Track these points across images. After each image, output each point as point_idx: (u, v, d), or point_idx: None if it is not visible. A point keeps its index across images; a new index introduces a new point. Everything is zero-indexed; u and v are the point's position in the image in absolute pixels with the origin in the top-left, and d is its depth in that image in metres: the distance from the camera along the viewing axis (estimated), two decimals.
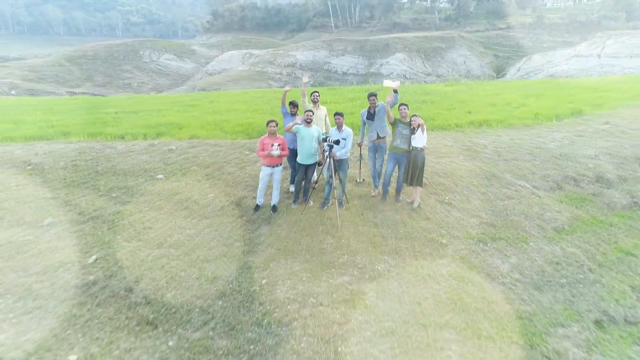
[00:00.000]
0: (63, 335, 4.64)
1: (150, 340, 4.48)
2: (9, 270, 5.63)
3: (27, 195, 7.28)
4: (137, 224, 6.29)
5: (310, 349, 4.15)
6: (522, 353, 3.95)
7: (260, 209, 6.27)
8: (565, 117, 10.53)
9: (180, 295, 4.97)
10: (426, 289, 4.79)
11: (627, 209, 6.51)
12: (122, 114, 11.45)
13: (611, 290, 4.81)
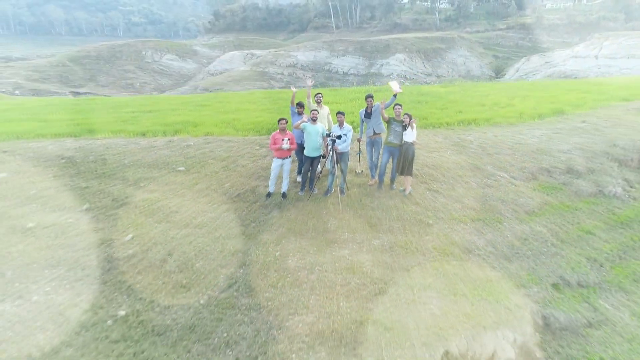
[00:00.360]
0: (111, 296, 5.61)
1: (184, 299, 5.45)
2: (57, 247, 6.60)
3: (64, 185, 8.24)
4: (164, 208, 7.26)
5: (318, 304, 5.11)
6: (489, 306, 4.90)
7: (272, 196, 7.22)
8: (547, 116, 11.50)
9: (208, 265, 5.93)
10: (413, 259, 5.75)
11: (592, 197, 7.45)
12: (139, 113, 12.41)
13: (569, 261, 5.76)
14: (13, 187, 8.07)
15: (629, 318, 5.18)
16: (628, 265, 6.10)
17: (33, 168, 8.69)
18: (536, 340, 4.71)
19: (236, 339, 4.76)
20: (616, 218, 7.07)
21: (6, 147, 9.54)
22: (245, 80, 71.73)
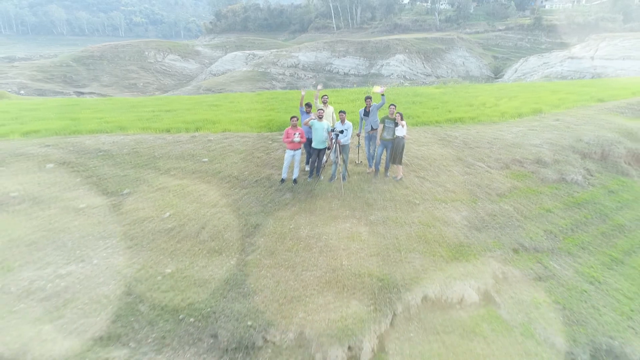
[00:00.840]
0: (158, 259, 6.99)
1: (218, 261, 6.83)
2: (107, 223, 7.97)
3: (104, 173, 9.61)
4: (194, 192, 8.62)
5: (325, 263, 6.47)
6: (460, 264, 6.26)
7: (285, 182, 8.56)
8: (526, 116, 12.85)
9: (235, 235, 7.30)
10: (402, 230, 7.10)
11: (555, 183, 8.78)
12: (159, 113, 13.75)
13: (529, 232, 7.10)
14: (61, 175, 9.46)
15: (572, 274, 6.50)
16: (577, 236, 7.44)
17: (75, 159, 10.07)
18: (496, 288, 6.05)
19: (262, 288, 6.14)
20: (574, 200, 8.42)
21: (48, 142, 10.92)
22: (247, 81, 72.90)
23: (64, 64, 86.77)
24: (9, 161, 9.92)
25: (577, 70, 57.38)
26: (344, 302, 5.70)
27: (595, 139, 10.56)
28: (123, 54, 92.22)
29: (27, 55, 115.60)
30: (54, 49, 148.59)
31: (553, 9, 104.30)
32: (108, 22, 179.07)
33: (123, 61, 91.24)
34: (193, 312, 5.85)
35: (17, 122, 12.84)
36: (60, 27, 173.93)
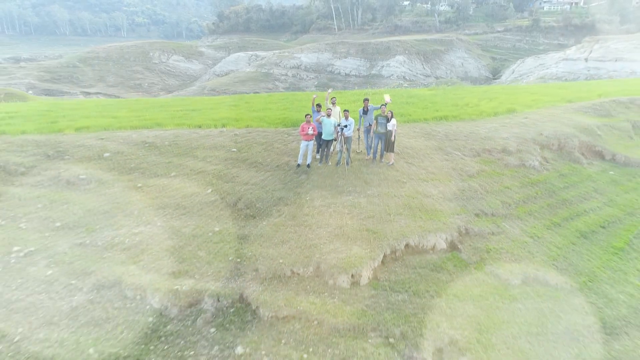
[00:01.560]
0: (207, 222, 9.26)
1: (253, 223, 9.11)
2: (162, 197, 10.25)
3: (152, 161, 11.89)
4: (228, 174, 10.90)
5: (334, 223, 8.73)
6: (434, 223, 8.54)
7: (300, 166, 10.82)
8: (501, 114, 15.12)
9: (264, 205, 9.57)
10: (392, 201, 9.37)
11: (516, 167, 11.03)
12: (187, 111, 16.02)
13: (489, 202, 9.36)
14: (117, 161, 11.77)
15: (518, 232, 8.73)
16: (527, 206, 9.66)
17: (126, 149, 12.37)
18: (459, 240, 8.30)
19: (288, 239, 8.41)
20: (529, 180, 10.65)
21: (101, 136, 13.22)
22: (251, 81, 75.05)
23: (70, 64, 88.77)
24: (73, 151, 12.24)
25: (571, 72, 59.30)
26: (348, 247, 7.99)
27: (554, 133, 12.82)
28: (128, 55, 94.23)
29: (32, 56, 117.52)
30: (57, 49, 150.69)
31: (551, 11, 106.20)
32: (110, 23, 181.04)
33: (128, 62, 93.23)
34: (239, 256, 8.15)
35: (66, 120, 15.15)
36: (62, 28, 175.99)
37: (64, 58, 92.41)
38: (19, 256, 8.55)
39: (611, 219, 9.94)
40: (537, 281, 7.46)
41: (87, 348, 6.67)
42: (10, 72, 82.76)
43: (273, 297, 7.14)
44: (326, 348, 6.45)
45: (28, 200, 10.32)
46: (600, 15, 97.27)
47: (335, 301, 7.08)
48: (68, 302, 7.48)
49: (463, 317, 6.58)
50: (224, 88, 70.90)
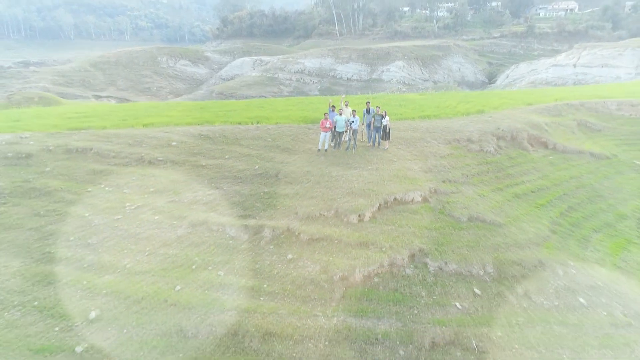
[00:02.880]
0: (257, 188, 13.60)
1: (291, 187, 13.46)
2: (222, 171, 14.59)
3: (209, 148, 16.23)
4: (267, 156, 15.22)
5: (346, 186, 13.05)
6: (413, 184, 12.87)
7: (320, 151, 15.16)
8: (471, 114, 19.43)
9: (297, 176, 13.89)
10: (385, 173, 13.70)
11: (476, 152, 15.38)
12: (224, 112, 20.30)
13: (453, 174, 13.72)
14: (183, 148, 16.11)
15: (471, 193, 13.00)
16: (481, 177, 13.94)
17: (188, 140, 16.73)
18: (430, 195, 12.62)
19: (315, 196, 12.74)
20: (485, 160, 14.95)
21: (165, 130, 17.58)
22: (257, 85, 79.40)
23: (82, 69, 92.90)
24: (147, 141, 16.61)
25: (560, 77, 63.51)
26: (355, 199, 12.30)
27: (508, 128, 17.15)
28: (137, 60, 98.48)
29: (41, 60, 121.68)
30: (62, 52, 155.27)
31: (547, 17, 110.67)
32: (114, 27, 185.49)
33: (137, 66, 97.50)
34: (284, 205, 12.46)
35: (132, 118, 19.54)
36: (67, 31, 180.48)
37: (76, 62, 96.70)
38: (132, 209, 12.90)
39: (541, 187, 14.24)
40: (477, 219, 11.75)
41: (193, 257, 10.97)
42: (25, 76, 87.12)
43: (308, 228, 11.45)
44: (343, 254, 10.73)
45: (123, 174, 14.71)
46: (593, 21, 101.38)
47: (348, 230, 11.39)
48: (174, 234, 11.82)
49: (422, 237, 10.90)
50: (231, 92, 75.22)
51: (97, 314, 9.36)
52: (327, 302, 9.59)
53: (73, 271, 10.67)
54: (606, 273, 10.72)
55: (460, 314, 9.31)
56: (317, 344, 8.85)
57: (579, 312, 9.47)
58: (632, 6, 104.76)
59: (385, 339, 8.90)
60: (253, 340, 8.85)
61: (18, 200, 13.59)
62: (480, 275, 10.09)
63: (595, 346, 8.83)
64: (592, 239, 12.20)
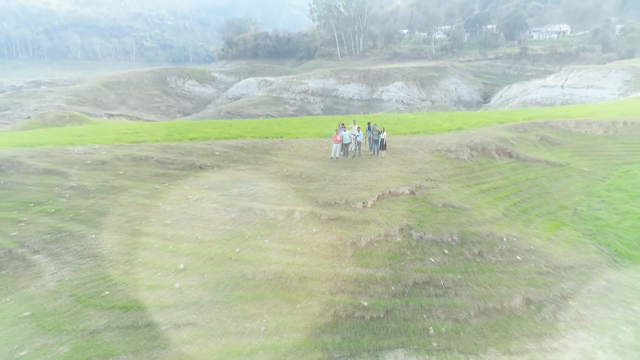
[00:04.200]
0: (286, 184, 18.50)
1: (312, 184, 18.35)
2: (258, 173, 19.50)
3: (245, 156, 21.12)
4: (292, 163, 20.07)
5: (353, 183, 17.86)
6: (403, 181, 17.69)
7: (332, 159, 20.03)
8: (452, 130, 24.35)
9: (315, 176, 18.74)
10: (383, 174, 18.49)
11: (453, 159, 20.30)
12: (250, 129, 25.29)
13: (434, 174, 18.57)
14: (224, 156, 21.04)
15: (447, 188, 17.75)
16: (455, 177, 18.70)
17: (227, 150, 21.67)
18: (416, 189, 17.36)
19: (330, 190, 17.57)
20: (459, 166, 19.74)
21: (207, 142, 22.54)
22: (263, 104, 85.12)
23: (94, 89, 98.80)
24: (195, 151, 21.54)
25: (549, 97, 69.05)
26: (360, 192, 17.13)
27: (480, 141, 22.10)
28: (147, 80, 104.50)
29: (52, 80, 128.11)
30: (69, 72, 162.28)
31: (540, 39, 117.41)
32: (120, 47, 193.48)
33: (147, 86, 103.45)
34: (307, 197, 17.27)
35: (177, 133, 24.53)
36: (74, 52, 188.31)
37: (88, 82, 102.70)
38: (193, 200, 17.72)
39: (501, 185, 19.03)
40: (449, 206, 16.51)
41: (245, 231, 15.69)
42: (40, 95, 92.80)
43: (327, 211, 16.20)
44: (352, 228, 15.42)
45: (181, 176, 19.60)
46: (584, 44, 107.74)
47: (355, 213, 16.15)
48: (229, 216, 16.58)
49: (408, 217, 15.66)
50: (239, 110, 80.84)
51: (184, 266, 14.03)
52: (342, 258, 14.26)
53: (159, 241, 15.40)
54: (540, 242, 15.41)
55: (433, 265, 13.99)
56: (336, 283, 13.49)
57: (515, 265, 14.15)
58: (622, 29, 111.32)
59: (381, 280, 13.54)
60: (292, 281, 13.47)
61: (103, 195, 18.43)
62: (448, 242, 14.81)
63: (524, 285, 13.48)
64: (535, 221, 16.92)
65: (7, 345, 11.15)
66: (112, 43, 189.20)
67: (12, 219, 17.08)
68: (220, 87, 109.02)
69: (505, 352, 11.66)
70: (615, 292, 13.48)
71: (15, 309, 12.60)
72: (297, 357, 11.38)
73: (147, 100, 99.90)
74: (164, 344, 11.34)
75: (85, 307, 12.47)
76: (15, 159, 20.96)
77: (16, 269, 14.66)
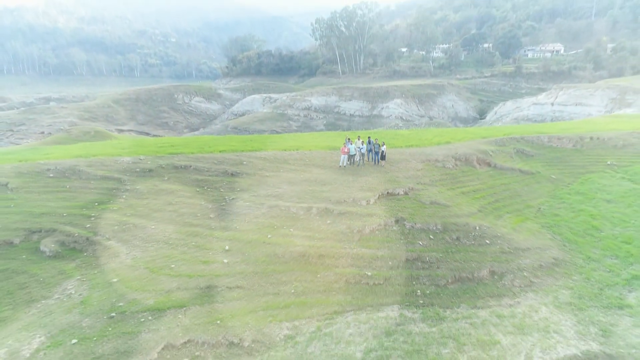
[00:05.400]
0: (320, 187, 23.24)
1: (325, 186, 23.08)
2: (280, 179, 24.25)
3: (267, 165, 25.86)
4: (308, 170, 24.77)
5: (358, 186, 22.54)
6: (397, 184, 22.38)
7: (340, 167, 24.70)
8: (441, 144, 29.10)
9: (328, 180, 23.44)
10: (382, 179, 23.15)
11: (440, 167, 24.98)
12: (269, 142, 30.08)
13: (424, 179, 23.27)
14: (251, 165, 25.79)
15: (434, 190, 22.33)
16: (441, 182, 23.30)
17: (253, 160, 26.43)
18: (409, 191, 22.05)
19: (340, 191, 22.28)
20: (445, 172, 24.37)
21: (235, 154, 27.29)
22: (268, 120, 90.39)
23: (105, 105, 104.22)
24: (226, 161, 26.27)
25: (540, 114, 74.23)
26: (364, 192, 21.78)
27: (463, 153, 26.84)
28: (155, 97, 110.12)
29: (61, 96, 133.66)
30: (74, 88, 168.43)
31: (534, 58, 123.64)
32: (125, 64, 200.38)
33: (156, 102, 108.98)
34: (323, 196, 21.93)
35: (207, 146, 29.34)
36: (80, 68, 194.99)
37: (99, 99, 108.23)
38: (229, 199, 22.34)
39: (479, 189, 23.67)
40: (436, 203, 21.13)
41: (274, 223, 20.30)
42: (53, 111, 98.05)
43: (338, 207, 20.80)
44: (358, 220, 19.99)
45: (216, 181, 24.24)
46: (576, 62, 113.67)
47: (360, 208, 20.77)
48: (260, 212, 21.21)
49: (402, 211, 20.27)
50: (245, 126, 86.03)
51: (229, 247, 18.58)
52: (350, 242, 18.79)
53: (206, 230, 19.99)
54: (505, 231, 19.96)
55: (421, 247, 18.54)
56: (346, 260, 17.99)
57: (484, 246, 18.69)
58: (613, 48, 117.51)
59: (381, 258, 18.04)
60: (313, 258, 17.97)
61: (154, 196, 23.09)
62: (433, 229, 19.40)
63: (490, 261, 17.97)
64: (504, 216, 21.51)
65: (107, 300, 15.66)
66: (117, 60, 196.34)
67: (83, 214, 21.79)
68: (226, 103, 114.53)
69: (473, 307, 16.09)
70: (560, 267, 18.02)
71: (105, 277, 17.17)
72: (319, 309, 15.79)
73: (156, 116, 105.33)
74: (221, 299, 15.83)
75: (158, 276, 17.01)
76: (76, 167, 25.74)
77: (95, 251, 19.28)
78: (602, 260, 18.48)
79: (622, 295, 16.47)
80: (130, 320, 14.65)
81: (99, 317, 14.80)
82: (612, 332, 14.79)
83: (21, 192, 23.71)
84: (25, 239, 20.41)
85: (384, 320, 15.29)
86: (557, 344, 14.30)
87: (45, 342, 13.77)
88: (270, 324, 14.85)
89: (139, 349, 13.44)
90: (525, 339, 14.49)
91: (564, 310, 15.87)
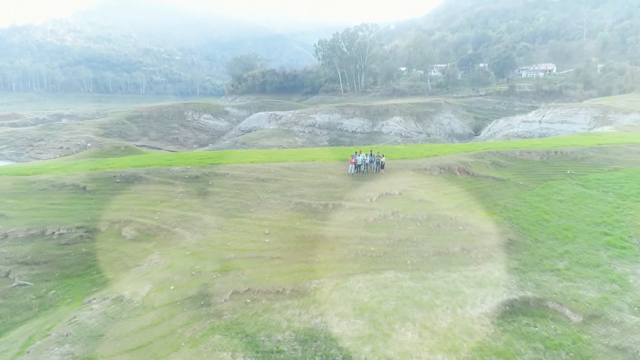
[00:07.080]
0: (333, 189, 30.56)
1: (337, 189, 30.39)
2: (301, 183, 31.57)
3: (290, 172, 33.19)
4: (322, 177, 32.06)
5: (363, 189, 29.79)
6: (395, 186, 29.61)
7: (349, 174, 31.91)
8: (430, 157, 36.31)
9: (339, 184, 30.70)
10: (383, 184, 30.34)
11: (428, 174, 32.21)
12: (288, 155, 37.26)
13: (414, 184, 30.51)
14: (277, 173, 33.12)
15: (422, 192, 29.49)
16: (427, 186, 30.56)
17: (277, 169, 33.76)
18: (402, 192, 29.21)
19: (350, 192, 29.54)
20: (431, 179, 31.59)
21: (263, 165, 34.62)
22: (275, 136, 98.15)
23: (119, 122, 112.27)
24: (257, 170, 33.62)
25: (528, 131, 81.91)
26: (368, 192, 28.99)
27: (447, 163, 34.16)
28: (167, 114, 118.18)
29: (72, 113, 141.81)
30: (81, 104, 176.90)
31: (528, 77, 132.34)
32: (130, 81, 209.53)
33: (167, 119, 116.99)
34: (336, 195, 29.19)
35: (239, 159, 36.72)
36: (87, 85, 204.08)
37: (113, 116, 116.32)
38: (264, 198, 29.68)
39: (458, 191, 30.81)
40: (423, 200, 28.27)
41: (299, 214, 27.56)
42: (70, 128, 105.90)
43: (348, 203, 27.98)
44: (363, 212, 27.11)
45: (251, 185, 31.55)
46: (567, 82, 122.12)
47: (365, 204, 27.92)
48: (288, 207, 28.46)
49: (397, 206, 27.45)
50: (253, 142, 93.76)
51: (268, 232, 25.67)
52: (358, 228, 25.87)
53: (249, 220, 27.10)
54: (475, 221, 27.07)
55: (411, 231, 25.64)
56: (356, 240, 25.05)
57: (459, 231, 25.80)
58: (602, 68, 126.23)
59: (381, 239, 25.08)
60: (331, 239, 25.03)
61: (203, 197, 30.29)
62: (420, 219, 26.54)
63: (461, 241, 25.03)
64: (475, 211, 28.62)
65: (187, 265, 22.63)
66: (123, 77, 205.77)
67: (150, 210, 28.97)
68: (233, 120, 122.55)
69: (447, 271, 23.05)
70: (513, 246, 25.09)
71: (179, 252, 24.22)
72: (337, 272, 22.73)
73: (167, 132, 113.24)
74: (267, 265, 22.81)
75: (219, 250, 24.06)
76: (137, 174, 33.06)
77: (165, 236, 26.35)
78: (545, 242, 25.55)
79: (554, 263, 23.48)
80: (206, 277, 21.56)
81: (184, 274, 21.73)
82: (543, 285, 21.76)
83: (97, 193, 30.96)
84: (109, 227, 27.54)
85: (383, 279, 22.20)
86: (503, 293, 21.23)
87: (152, 288, 20.73)
88: (303, 280, 21.71)
89: (216, 293, 20.39)
90: (482, 290, 21.41)
91: (511, 273, 22.83)
